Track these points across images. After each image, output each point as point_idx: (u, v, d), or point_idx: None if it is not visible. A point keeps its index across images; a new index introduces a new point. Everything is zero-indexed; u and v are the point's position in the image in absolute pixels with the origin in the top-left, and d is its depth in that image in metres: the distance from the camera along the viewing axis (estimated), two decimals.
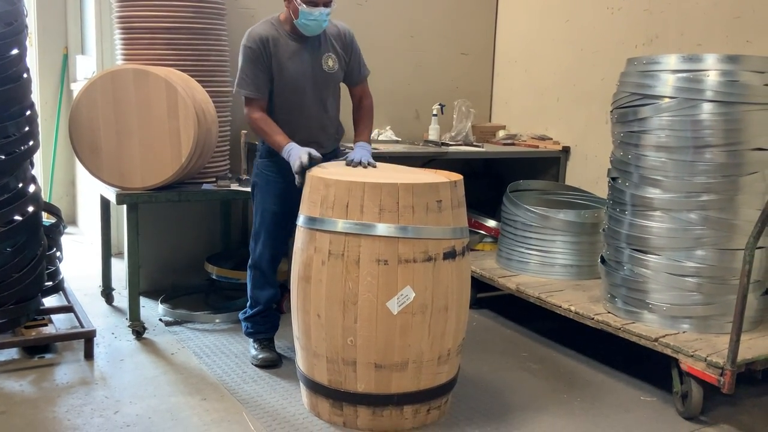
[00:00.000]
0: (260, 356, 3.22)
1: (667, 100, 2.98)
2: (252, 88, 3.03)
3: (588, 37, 4.55)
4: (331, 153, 3.23)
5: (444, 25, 5.14)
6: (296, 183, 2.85)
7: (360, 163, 2.89)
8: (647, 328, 3.07)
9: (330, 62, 3.11)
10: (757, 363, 2.78)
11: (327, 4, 2.95)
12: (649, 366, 3.31)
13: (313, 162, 2.86)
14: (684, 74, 2.95)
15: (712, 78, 2.90)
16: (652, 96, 3.02)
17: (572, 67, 4.68)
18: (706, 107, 2.90)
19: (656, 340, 2.94)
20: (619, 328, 3.10)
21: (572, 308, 3.35)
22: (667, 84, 2.98)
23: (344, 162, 2.96)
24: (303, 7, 2.92)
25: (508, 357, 3.49)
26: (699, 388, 2.79)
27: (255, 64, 3.01)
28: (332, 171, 2.70)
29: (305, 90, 3.08)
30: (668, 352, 2.89)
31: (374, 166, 2.91)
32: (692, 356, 2.78)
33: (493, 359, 3.45)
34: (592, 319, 3.24)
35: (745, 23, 3.63)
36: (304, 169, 2.80)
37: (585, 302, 3.42)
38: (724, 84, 2.88)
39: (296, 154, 2.87)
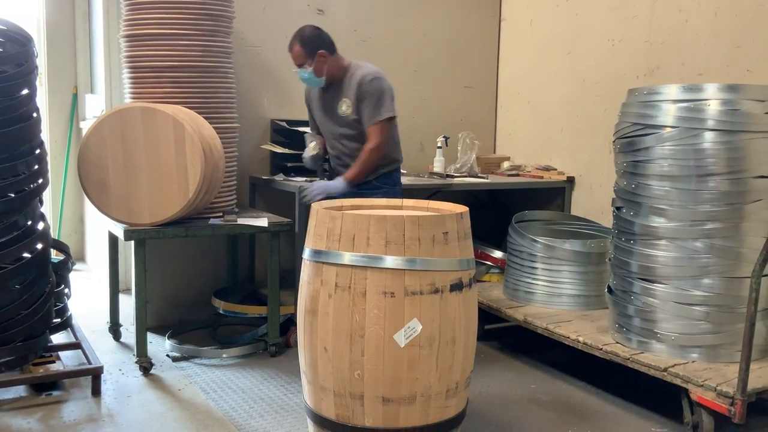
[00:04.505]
0: None
1: (669, 129, 3.00)
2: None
3: (590, 69, 4.60)
4: (362, 186, 3.59)
5: (447, 58, 5.21)
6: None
7: (304, 197, 3.55)
8: (656, 357, 3.05)
9: (344, 107, 3.58)
10: None
11: (299, 66, 3.57)
12: (659, 396, 3.28)
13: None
14: (685, 104, 2.97)
15: (713, 107, 2.92)
16: (654, 126, 3.05)
17: (575, 99, 4.72)
18: (708, 136, 2.92)
19: (665, 370, 2.92)
20: (628, 359, 3.09)
21: (580, 339, 3.33)
22: (668, 114, 3.01)
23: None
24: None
25: (516, 389, 3.47)
26: (710, 418, 2.76)
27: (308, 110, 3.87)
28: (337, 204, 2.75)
29: (326, 130, 3.74)
30: (678, 382, 2.87)
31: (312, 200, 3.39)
32: (702, 386, 2.76)
33: (501, 392, 3.43)
34: (601, 349, 3.22)
35: (745, 53, 3.67)
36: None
37: (593, 332, 3.41)
38: (725, 113, 2.91)
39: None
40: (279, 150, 4.31)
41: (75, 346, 3.57)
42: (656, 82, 4.04)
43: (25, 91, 3.11)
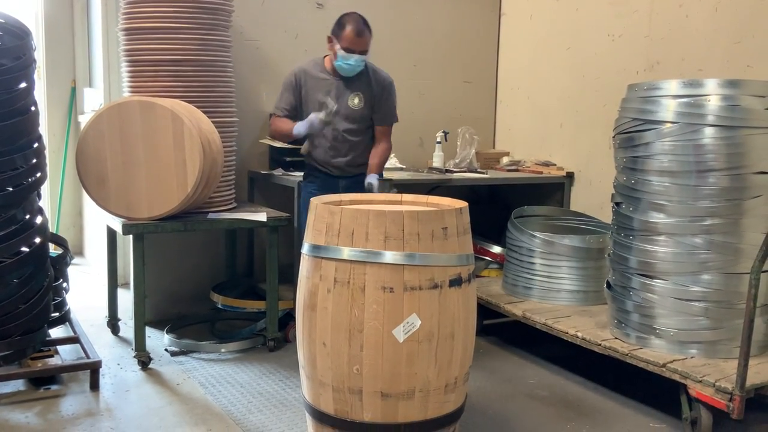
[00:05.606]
0: None
1: (668, 125, 3.00)
2: (279, 106, 3.69)
3: (589, 64, 4.59)
4: (351, 178, 3.69)
5: (446, 53, 5.19)
6: (322, 120, 3.47)
7: (370, 183, 3.46)
8: (655, 353, 3.05)
9: (356, 100, 3.61)
10: (766, 388, 2.75)
11: (362, 53, 3.50)
12: (657, 392, 3.28)
13: (327, 110, 3.47)
14: (685, 99, 2.97)
15: (713, 103, 2.91)
16: (654, 121, 3.04)
17: (574, 94, 4.71)
18: (708, 132, 2.92)
19: (664, 365, 2.92)
20: (627, 354, 3.09)
21: (579, 334, 3.33)
22: (668, 109, 3.00)
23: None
24: (341, 53, 3.47)
25: (515, 384, 3.47)
26: (708, 413, 2.76)
27: (287, 89, 3.67)
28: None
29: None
30: (676, 377, 2.87)
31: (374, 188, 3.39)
32: (700, 382, 2.76)
33: (500, 387, 3.43)
34: (600, 345, 3.22)
35: (746, 48, 3.66)
36: (326, 117, 3.46)
37: (592, 328, 3.41)
38: (725, 108, 2.90)
39: (310, 119, 3.49)
40: (278, 144, 4.30)
41: (73, 340, 3.57)
42: (656, 78, 4.03)
43: (23, 85, 3.10)
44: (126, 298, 4.25)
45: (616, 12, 4.38)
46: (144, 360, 3.53)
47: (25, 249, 3.14)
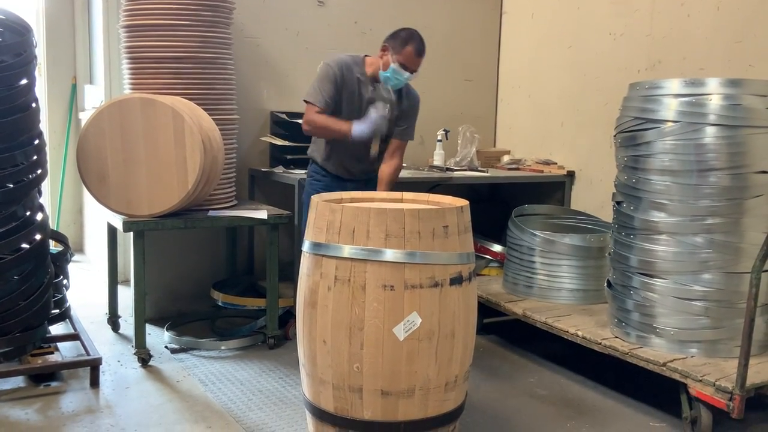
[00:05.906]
0: None
1: (670, 124, 2.99)
2: (319, 98, 3.42)
3: (590, 63, 4.59)
4: (359, 181, 3.66)
5: (447, 51, 5.18)
6: (384, 116, 3.39)
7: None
8: (655, 352, 3.05)
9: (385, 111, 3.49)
10: (767, 387, 2.75)
11: (413, 72, 3.44)
12: (657, 391, 3.28)
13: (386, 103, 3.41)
14: (687, 98, 2.96)
15: (714, 102, 2.91)
16: (655, 120, 3.04)
17: (575, 93, 4.71)
18: (710, 131, 2.91)
19: (664, 365, 2.92)
20: (627, 353, 3.09)
21: (579, 333, 3.33)
22: (669, 108, 3.00)
23: None
24: (396, 66, 3.39)
25: (515, 383, 3.47)
26: (708, 413, 2.76)
27: (329, 80, 3.43)
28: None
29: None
30: (677, 377, 2.87)
31: None
32: (701, 381, 2.76)
33: (500, 385, 3.43)
34: (600, 344, 3.22)
35: (747, 48, 3.66)
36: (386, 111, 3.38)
37: (592, 327, 3.41)
38: (726, 108, 2.90)
39: (371, 119, 3.36)
40: (279, 142, 4.30)
41: (73, 337, 3.57)
42: (657, 77, 4.02)
43: (24, 82, 3.09)
44: (126, 295, 4.25)
45: (618, 11, 4.38)
46: (144, 357, 3.53)
47: (25, 246, 3.14)
